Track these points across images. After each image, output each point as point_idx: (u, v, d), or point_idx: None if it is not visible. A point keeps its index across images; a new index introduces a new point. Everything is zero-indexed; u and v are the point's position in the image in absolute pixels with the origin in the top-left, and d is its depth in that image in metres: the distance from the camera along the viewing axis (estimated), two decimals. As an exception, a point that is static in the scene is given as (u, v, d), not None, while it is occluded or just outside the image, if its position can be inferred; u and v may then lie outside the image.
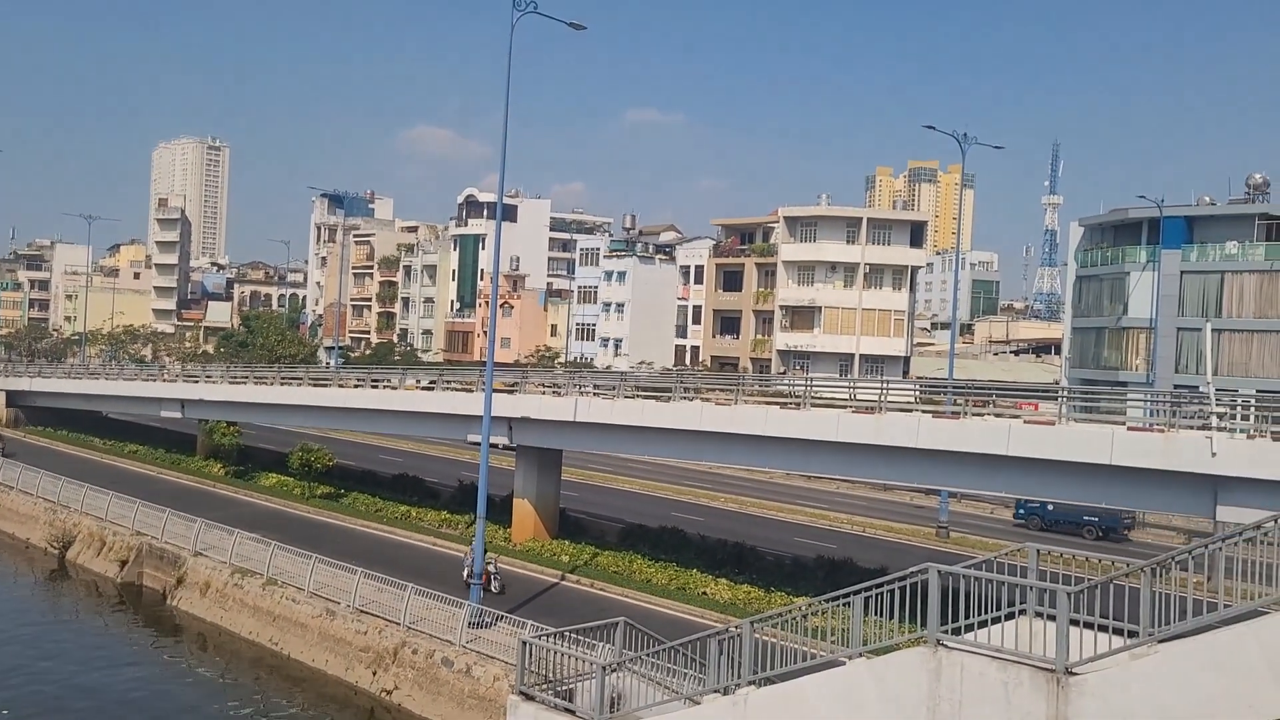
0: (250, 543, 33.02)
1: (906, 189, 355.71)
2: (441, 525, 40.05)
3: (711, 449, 32.66)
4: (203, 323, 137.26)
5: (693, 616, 28.61)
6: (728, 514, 47.13)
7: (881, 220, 77.21)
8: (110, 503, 39.69)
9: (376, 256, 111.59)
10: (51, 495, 42.87)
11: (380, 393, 44.58)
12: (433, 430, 45.03)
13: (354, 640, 27.06)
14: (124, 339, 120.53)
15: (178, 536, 35.53)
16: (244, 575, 31.65)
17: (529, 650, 18.15)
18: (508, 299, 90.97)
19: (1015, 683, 12.25)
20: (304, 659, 28.08)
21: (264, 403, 49.53)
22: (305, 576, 29.73)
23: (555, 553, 35.47)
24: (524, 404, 36.32)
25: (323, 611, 28.36)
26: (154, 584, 35.13)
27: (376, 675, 25.94)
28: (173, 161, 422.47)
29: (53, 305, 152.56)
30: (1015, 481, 26.17)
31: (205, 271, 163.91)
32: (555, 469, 38.94)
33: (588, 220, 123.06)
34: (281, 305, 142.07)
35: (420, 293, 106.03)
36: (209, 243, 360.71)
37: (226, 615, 31.31)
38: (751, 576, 32.29)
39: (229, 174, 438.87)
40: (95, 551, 38.16)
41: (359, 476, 49.60)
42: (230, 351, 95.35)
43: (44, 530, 41.03)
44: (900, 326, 74.42)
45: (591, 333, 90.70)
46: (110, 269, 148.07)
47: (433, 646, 25.14)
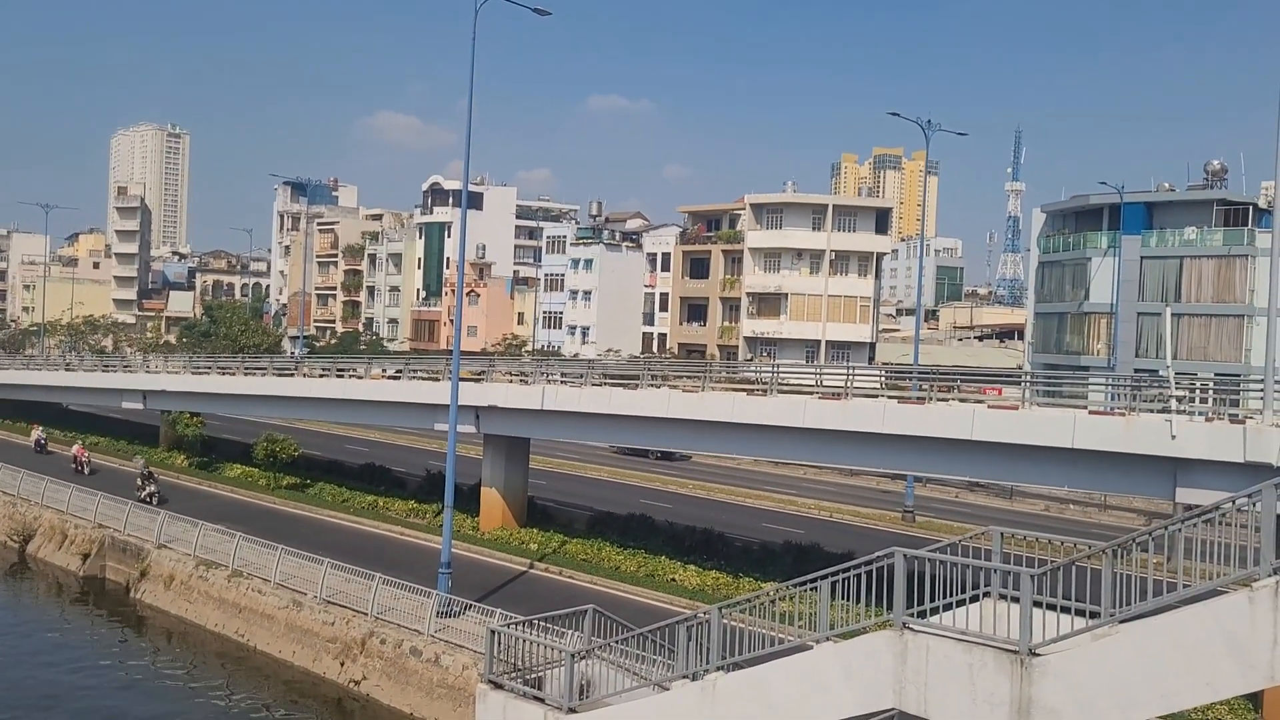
0: (215, 534, 32.72)
1: (872, 176, 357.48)
2: (409, 515, 39.87)
3: (679, 436, 32.72)
4: (164, 313, 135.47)
5: (661, 603, 28.69)
6: (696, 500, 47.27)
7: (847, 207, 77.58)
8: (71, 495, 39.17)
9: (341, 245, 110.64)
10: (11, 489, 42.22)
11: (346, 382, 44.16)
12: (399, 420, 44.68)
13: (321, 631, 26.91)
14: (84, 330, 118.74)
15: (141, 529, 35.14)
16: (209, 567, 31.38)
17: (497, 639, 18.13)
18: (474, 287, 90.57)
19: (980, 664, 12.39)
20: (271, 651, 27.90)
21: (228, 393, 48.96)
22: (271, 568, 29.52)
23: (524, 541, 35.44)
24: (491, 392, 36.14)
25: (289, 603, 28.18)
26: (117, 577, 34.74)
27: (344, 666, 25.83)
28: (132, 149, 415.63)
29: (10, 295, 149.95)
30: (980, 465, 26.44)
31: (166, 261, 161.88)
32: (523, 457, 38.85)
33: (554, 208, 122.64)
34: (245, 294, 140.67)
35: (385, 281, 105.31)
36: (170, 231, 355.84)
37: (191, 608, 31.02)
38: (720, 563, 32.42)
39: (190, 161, 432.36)
40: (56, 545, 37.67)
41: (325, 466, 49.24)
42: (193, 342, 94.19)
43: (3, 524, 40.44)
44: (866, 313, 74.91)
45: (559, 321, 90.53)
46: (69, 259, 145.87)
47: (401, 636, 25.07)
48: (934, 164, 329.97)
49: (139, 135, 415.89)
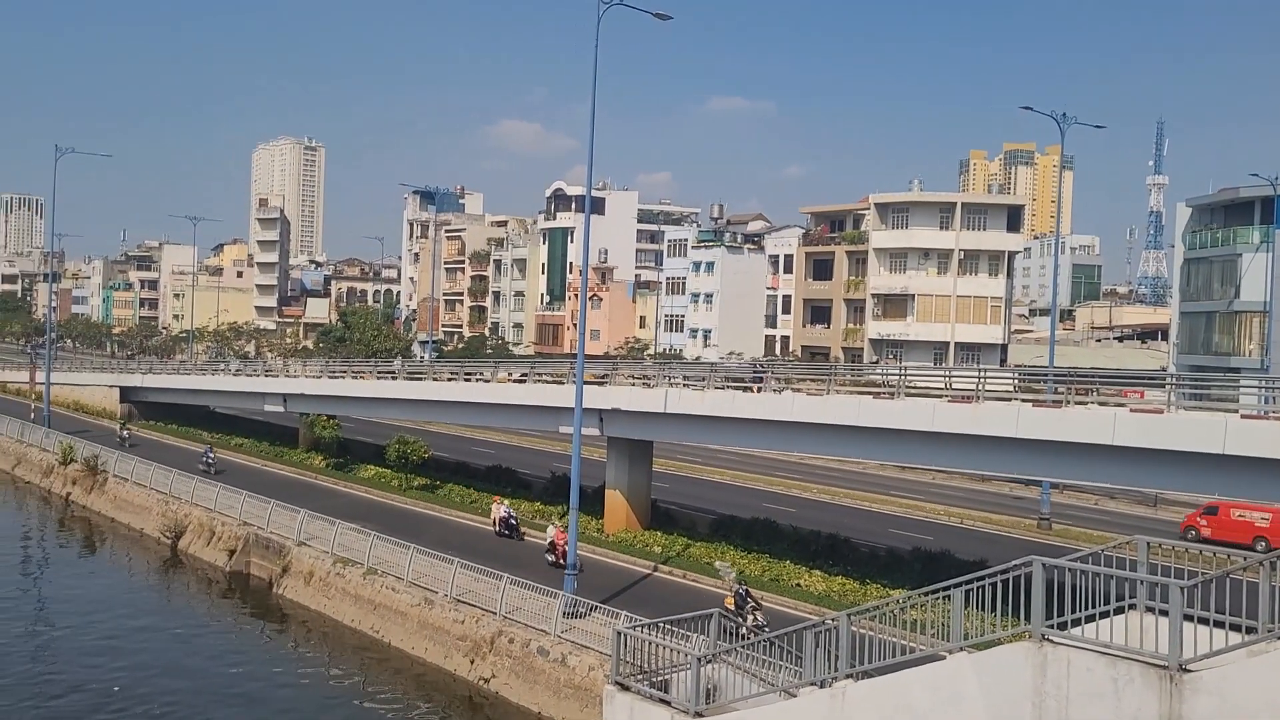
0: (351, 533, 33.84)
1: (1002, 172, 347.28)
2: (535, 516, 40.43)
3: (803, 440, 32.34)
4: (302, 319, 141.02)
5: (786, 608, 28.41)
6: (820, 505, 46.67)
7: (976, 205, 75.49)
8: (218, 494, 41.05)
9: (467, 251, 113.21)
10: (164, 487, 44.52)
11: (473, 386, 45.21)
12: (524, 422, 45.52)
13: (452, 629, 27.53)
14: (228, 336, 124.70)
15: (282, 527, 36.58)
16: (345, 565, 32.46)
17: (624, 641, 18.24)
18: (596, 291, 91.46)
19: (1126, 679, 11.87)
20: (404, 647, 28.68)
21: (361, 396, 50.73)
22: (404, 566, 30.35)
23: (647, 543, 35.56)
24: (614, 396, 36.45)
25: (421, 600, 28.92)
26: (261, 573, 36.24)
27: (474, 663, 26.37)
28: (272, 162, 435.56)
29: (161, 304, 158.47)
30: (1121, 472, 25.30)
31: (304, 269, 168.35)
32: (646, 460, 39.03)
33: (675, 211, 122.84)
34: (377, 301, 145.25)
35: (510, 286, 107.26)
36: (307, 241, 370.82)
37: (330, 603, 32.15)
38: (846, 568, 31.92)
39: (325, 173, 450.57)
40: (205, 541, 39.54)
41: (454, 468, 50.40)
42: (329, 347, 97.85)
43: (157, 521, 42.65)
44: (997, 313, 72.71)
45: (680, 324, 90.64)
46: (215, 268, 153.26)
47: (528, 636, 25.44)
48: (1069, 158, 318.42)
49: (278, 149, 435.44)
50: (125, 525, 44.96)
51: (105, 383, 74.02)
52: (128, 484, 46.87)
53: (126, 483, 47.02)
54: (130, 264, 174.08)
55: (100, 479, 48.84)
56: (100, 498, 48.21)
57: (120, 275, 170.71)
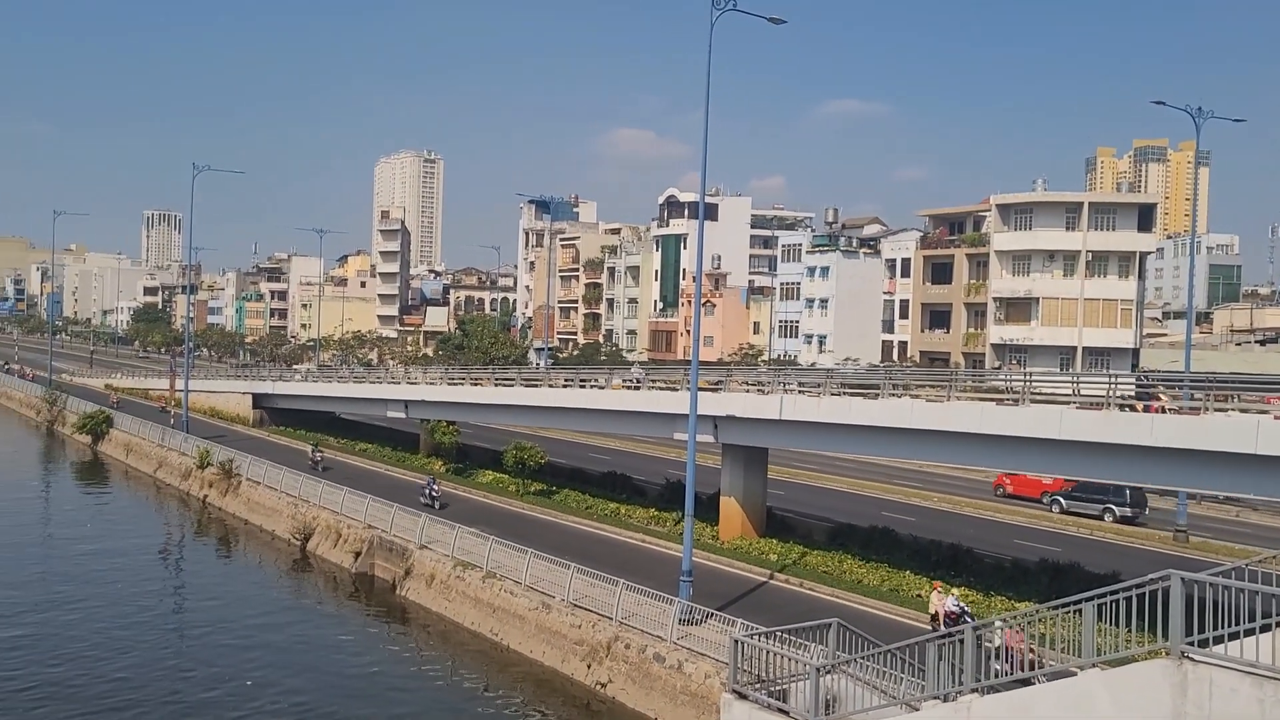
0: (470, 537, 34.51)
1: (1132, 170, 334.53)
2: (649, 522, 40.59)
3: (923, 447, 31.66)
4: (422, 327, 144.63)
5: (906, 619, 27.85)
6: (940, 514, 45.59)
7: (1105, 204, 72.81)
8: (344, 498, 42.37)
9: (581, 259, 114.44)
10: (293, 491, 46.18)
11: (588, 392, 45.62)
12: (639, 429, 45.72)
13: (569, 633, 27.80)
14: (353, 344, 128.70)
15: (405, 530, 37.52)
16: (465, 568, 33.10)
17: (741, 649, 18.12)
18: (710, 297, 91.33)
19: (1274, 701, 11.24)
20: (522, 650, 29.09)
21: (479, 403, 51.72)
22: (522, 570, 30.79)
23: (763, 551, 35.30)
24: (728, 402, 36.32)
25: (539, 604, 29.29)
26: (384, 574, 37.24)
27: (591, 668, 26.57)
28: (393, 175, 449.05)
29: (290, 313, 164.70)
30: (1265, 482, 24.01)
31: (424, 278, 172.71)
32: (761, 467, 38.77)
33: (788, 216, 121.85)
34: (494, 309, 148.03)
35: (624, 293, 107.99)
36: (426, 251, 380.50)
37: (450, 606, 32.83)
38: (969, 579, 31.11)
39: (444, 185, 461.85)
40: (332, 543, 40.85)
41: (569, 474, 50.95)
42: (448, 354, 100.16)
43: (288, 523, 44.26)
44: (1127, 316, 69.95)
45: (795, 329, 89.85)
46: (340, 278, 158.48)
47: (645, 642, 25.49)
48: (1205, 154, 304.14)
49: (399, 162, 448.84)
50: (258, 526, 46.79)
51: (239, 389, 77.33)
52: (260, 487, 48.76)
53: (259, 486, 48.93)
54: (261, 275, 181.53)
55: (234, 482, 50.98)
56: (234, 500, 50.30)
57: (252, 286, 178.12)
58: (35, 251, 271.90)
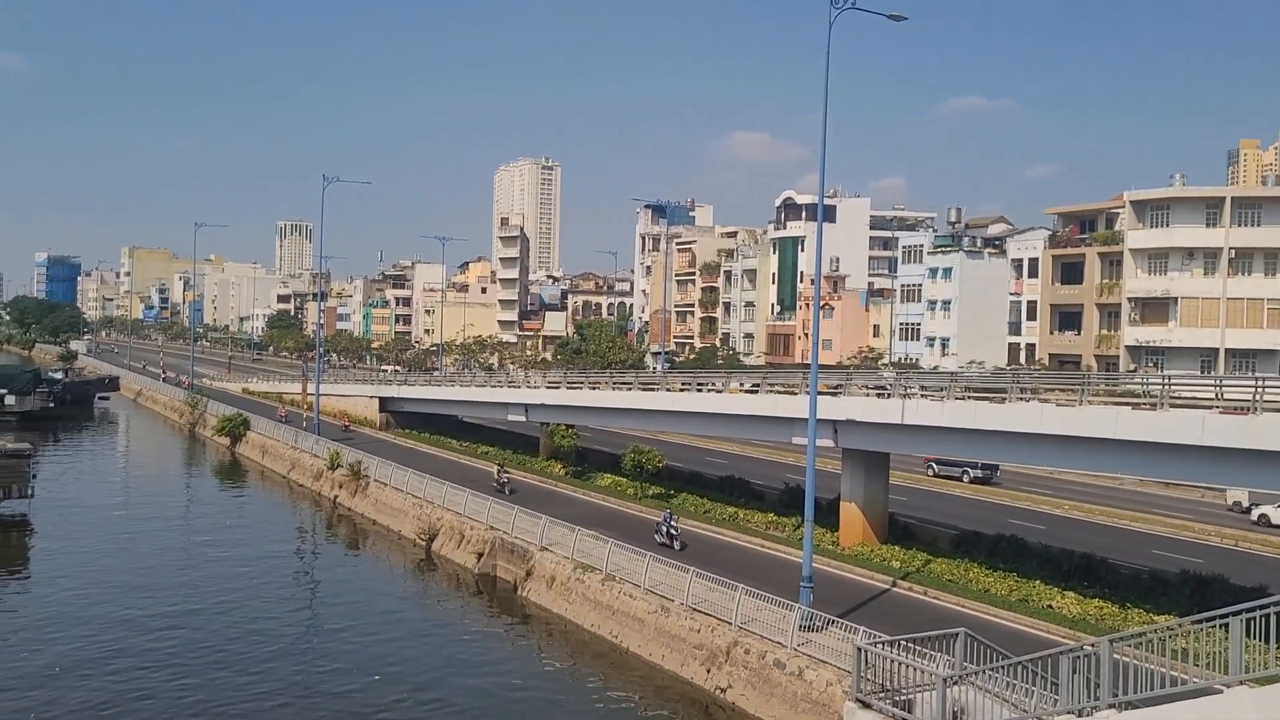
0: (590, 540, 34.82)
1: (1278, 162, 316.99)
2: (768, 527, 40.29)
3: (1052, 453, 30.63)
4: (541, 332, 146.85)
5: (1037, 631, 26.97)
6: (1072, 522, 44.00)
7: (1249, 198, 69.24)
8: (467, 500, 43.28)
9: (698, 263, 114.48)
10: (418, 492, 47.40)
11: (705, 396, 45.59)
12: (757, 433, 45.45)
13: (688, 637, 27.79)
14: (474, 349, 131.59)
15: (525, 532, 38.11)
16: (585, 570, 33.42)
17: (865, 657, 17.84)
18: (828, 300, 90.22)
19: None
20: (641, 653, 29.21)
21: (597, 406, 52.19)
22: (641, 574, 30.91)
23: (884, 558, 34.66)
24: (848, 406, 35.81)
25: (658, 608, 29.36)
26: (506, 575, 37.89)
27: (710, 673, 26.50)
28: (511, 182, 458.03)
29: (414, 319, 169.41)
30: None
31: (542, 284, 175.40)
32: (883, 472, 38.08)
33: (909, 216, 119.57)
34: (611, 313, 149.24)
35: (741, 297, 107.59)
36: (545, 256, 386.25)
37: (570, 607, 33.20)
38: (1103, 590, 29.93)
39: (561, 191, 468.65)
40: (455, 544, 41.77)
41: (687, 477, 50.96)
42: (566, 358, 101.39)
43: (413, 524, 45.45)
44: (1276, 317, 66.31)
45: (916, 332, 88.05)
46: (461, 285, 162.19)
47: (764, 647, 25.30)
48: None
49: (518, 170, 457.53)
50: (385, 527, 48.18)
51: (366, 393, 79.90)
52: (387, 488, 50.21)
53: (386, 487, 50.38)
54: (387, 282, 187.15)
55: (363, 483, 52.62)
56: (363, 500, 51.92)
57: (378, 293, 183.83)
58: (178, 262, 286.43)
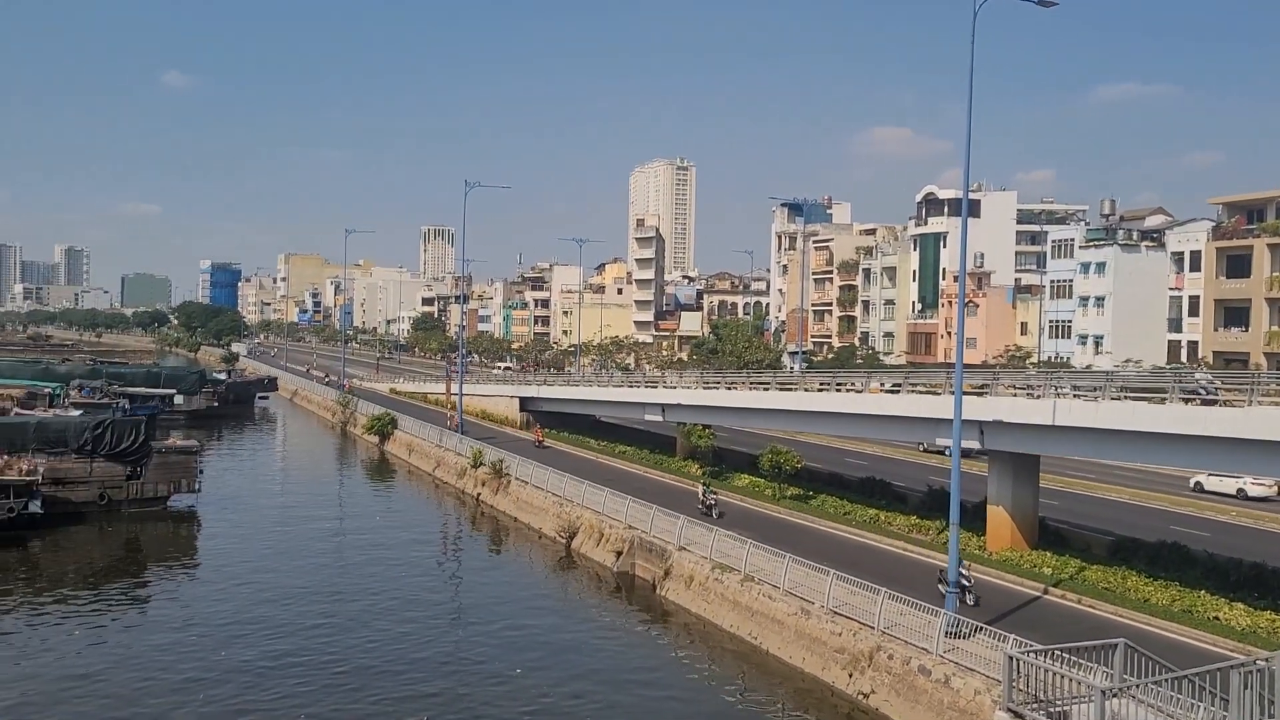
0: (727, 540, 34.70)
1: None
2: (911, 530, 39.36)
3: (1220, 456, 29.00)
4: (677, 332, 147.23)
5: (1201, 643, 25.55)
6: (1241, 530, 41.51)
7: None
8: (606, 499, 43.72)
9: (835, 261, 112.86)
10: (558, 491, 48.13)
11: (844, 396, 44.86)
12: (898, 434, 44.51)
13: (829, 640, 27.39)
14: (611, 349, 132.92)
15: (664, 531, 38.23)
16: (723, 571, 33.31)
17: (1016, 666, 17.22)
18: (972, 297, 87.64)
19: None
20: (782, 655, 28.94)
21: (734, 406, 51.98)
22: (780, 575, 30.62)
23: (1035, 564, 33.39)
24: (995, 406, 34.69)
25: (798, 610, 29.03)
26: (644, 574, 38.09)
27: (853, 677, 26.05)
28: (647, 183, 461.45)
29: (552, 320, 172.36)
30: None
31: (677, 284, 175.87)
32: (1032, 475, 36.72)
33: (1058, 209, 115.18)
34: (747, 313, 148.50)
35: (880, 295, 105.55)
36: (680, 257, 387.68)
37: (708, 608, 33.15)
38: (1276, 602, 28.12)
39: (696, 191, 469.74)
40: (595, 542, 42.23)
41: (826, 479, 50.26)
42: (702, 358, 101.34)
43: (553, 522, 46.19)
44: None
45: (1067, 330, 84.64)
46: (598, 286, 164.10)
47: (909, 653, 24.72)
48: None
49: (653, 171, 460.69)
50: (526, 524, 49.10)
51: (507, 393, 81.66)
52: (528, 487, 51.16)
53: (527, 486, 51.35)
54: (525, 285, 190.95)
55: (504, 482, 53.76)
56: (504, 498, 53.05)
57: (517, 295, 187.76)
58: (329, 267, 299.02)
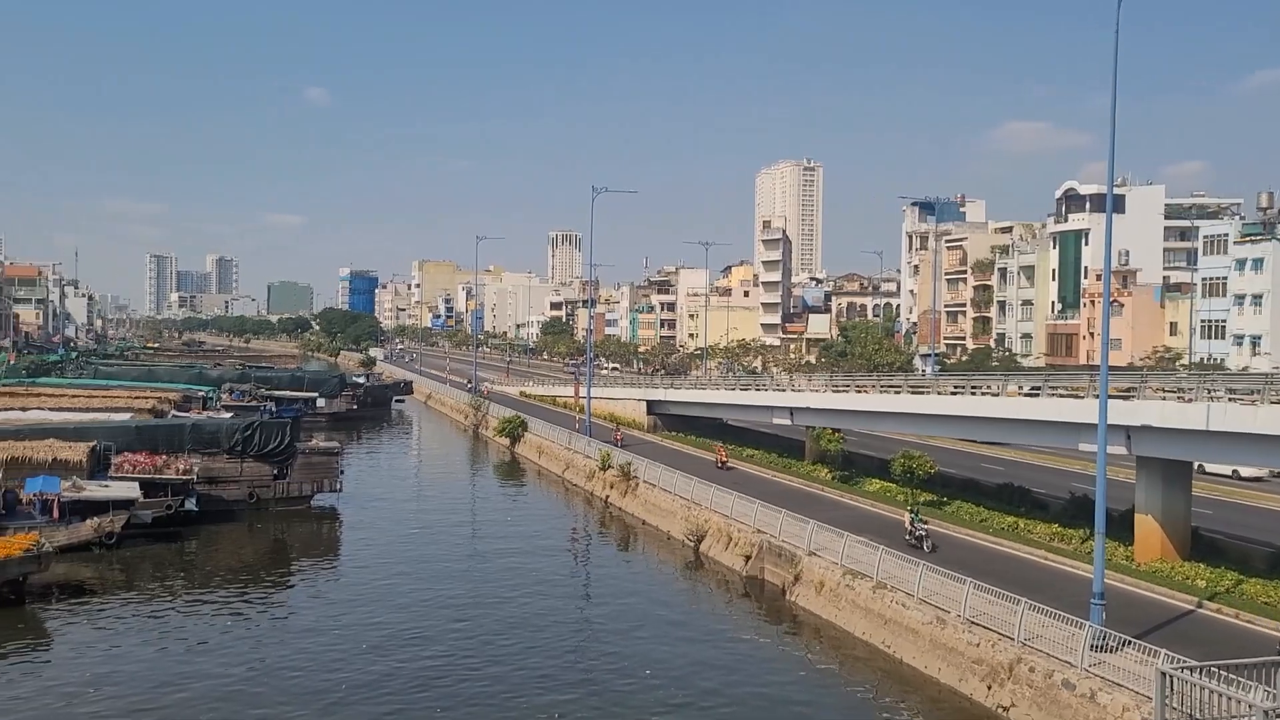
0: (859, 546, 34.10)
1: None
2: (1052, 539, 37.95)
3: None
4: (804, 335, 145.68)
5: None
6: None
7: None
8: (734, 502, 43.52)
9: (969, 260, 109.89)
10: (686, 494, 48.15)
11: (980, 399, 43.63)
12: (1037, 439, 43.06)
13: (966, 651, 26.62)
14: (737, 352, 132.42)
15: (793, 536, 37.82)
16: (854, 577, 32.74)
17: (1169, 682, 16.40)
18: (1117, 296, 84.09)
19: None
20: (916, 664, 28.27)
21: (864, 410, 51.13)
22: (914, 582, 29.93)
23: (1187, 576, 31.77)
24: (1142, 411, 33.19)
25: (933, 619, 28.31)
26: (774, 579, 37.74)
27: (991, 689, 25.25)
28: (773, 185, 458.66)
29: (678, 324, 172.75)
30: None
31: (805, 286, 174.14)
32: (1184, 482, 34.98)
33: (1210, 204, 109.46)
34: (876, 315, 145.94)
35: (1017, 295, 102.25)
36: (807, 259, 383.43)
37: (840, 614, 32.64)
38: None
39: (823, 192, 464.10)
40: (723, 546, 42.08)
41: (960, 484, 48.93)
42: (830, 361, 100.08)
43: (681, 525, 46.21)
44: None
45: (1221, 330, 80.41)
46: (724, 289, 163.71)
47: (1051, 666, 23.81)
48: None
49: (779, 172, 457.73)
50: (654, 527, 49.27)
51: (634, 396, 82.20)
52: (655, 490, 51.34)
53: (655, 489, 51.53)
54: (651, 288, 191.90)
55: (632, 484, 54.08)
56: (632, 501, 53.36)
57: (643, 299, 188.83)
58: (461, 273, 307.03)
